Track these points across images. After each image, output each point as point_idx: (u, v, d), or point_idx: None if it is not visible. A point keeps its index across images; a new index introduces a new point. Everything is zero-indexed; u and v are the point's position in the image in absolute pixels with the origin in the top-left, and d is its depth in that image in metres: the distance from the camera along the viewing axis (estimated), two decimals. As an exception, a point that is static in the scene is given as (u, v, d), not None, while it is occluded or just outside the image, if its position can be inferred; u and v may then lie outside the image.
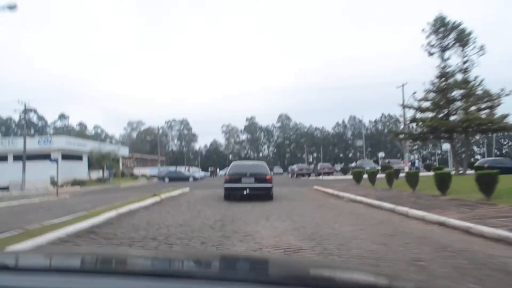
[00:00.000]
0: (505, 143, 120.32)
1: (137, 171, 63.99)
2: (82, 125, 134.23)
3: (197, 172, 66.73)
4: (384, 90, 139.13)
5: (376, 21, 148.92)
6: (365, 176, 23.38)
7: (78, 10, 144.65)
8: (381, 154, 74.69)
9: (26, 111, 39.08)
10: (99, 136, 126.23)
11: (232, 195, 15.09)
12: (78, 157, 44.50)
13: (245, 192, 14.59)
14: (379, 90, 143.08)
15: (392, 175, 20.74)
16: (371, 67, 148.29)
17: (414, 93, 22.92)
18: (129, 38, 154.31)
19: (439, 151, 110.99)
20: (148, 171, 64.87)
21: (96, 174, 44.05)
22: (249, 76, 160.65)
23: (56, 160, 23.38)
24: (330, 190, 18.92)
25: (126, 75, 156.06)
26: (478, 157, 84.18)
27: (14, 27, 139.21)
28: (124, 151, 63.02)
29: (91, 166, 44.18)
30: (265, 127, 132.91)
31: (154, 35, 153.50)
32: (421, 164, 51.34)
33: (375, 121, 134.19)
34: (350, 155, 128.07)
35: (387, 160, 46.11)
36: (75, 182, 39.76)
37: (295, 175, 42.41)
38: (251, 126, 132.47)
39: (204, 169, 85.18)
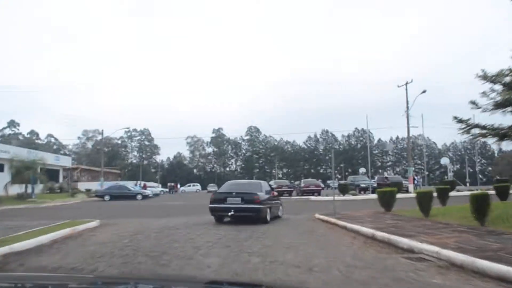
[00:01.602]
0: None
1: (85, 185, 54.23)
2: (33, 133, 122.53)
3: (154, 187, 57.68)
4: (357, 103, 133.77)
5: (352, 27, 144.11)
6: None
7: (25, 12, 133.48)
8: (362, 170, 67.81)
9: None
10: (51, 146, 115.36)
11: (217, 216, 13.96)
12: (-5, 167, 34.97)
13: (229, 213, 13.36)
14: (352, 103, 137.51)
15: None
16: (344, 79, 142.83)
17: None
18: (90, 42, 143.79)
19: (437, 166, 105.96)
20: (96, 185, 55.15)
21: (20, 189, 34.41)
22: (217, 85, 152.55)
23: None
24: (370, 231, 9.57)
25: (85, 82, 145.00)
26: None
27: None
28: (65, 161, 53.33)
29: (17, 178, 34.52)
30: (233, 139, 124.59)
31: (113, 38, 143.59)
32: (420, 180, 44.67)
33: (348, 136, 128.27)
34: (321, 170, 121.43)
35: (384, 176, 38.72)
36: (-18, 199, 30.28)
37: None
38: (218, 138, 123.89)
39: (166, 184, 76.05)
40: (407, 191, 33.22)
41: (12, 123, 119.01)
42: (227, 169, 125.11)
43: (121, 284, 2.11)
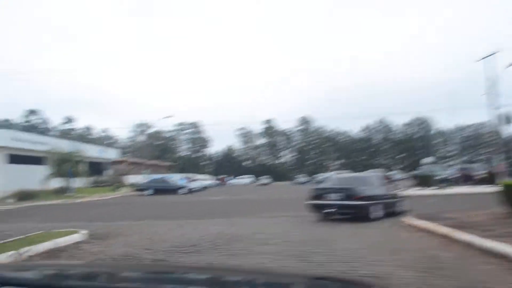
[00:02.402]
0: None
1: (132, 178, 52.09)
2: (88, 128, 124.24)
3: (203, 180, 54.70)
4: (415, 91, 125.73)
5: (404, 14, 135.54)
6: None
7: (79, 12, 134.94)
8: (428, 160, 62.00)
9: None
10: (103, 141, 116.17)
11: (318, 214, 12.32)
12: (35, 160, 32.79)
13: (327, 211, 11.96)
14: (410, 91, 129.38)
15: None
16: (402, 66, 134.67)
17: None
18: (139, 40, 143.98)
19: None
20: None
21: (60, 183, 32.16)
22: (268, 76, 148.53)
23: None
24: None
25: (137, 78, 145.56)
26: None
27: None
28: (112, 154, 51.35)
29: (55, 171, 32.29)
30: (284, 130, 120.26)
31: (164, 37, 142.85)
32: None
33: (407, 125, 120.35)
34: (379, 161, 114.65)
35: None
36: (20, 195, 28.09)
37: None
38: (269, 130, 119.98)
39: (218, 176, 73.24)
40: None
41: (68, 119, 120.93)
42: (279, 160, 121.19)
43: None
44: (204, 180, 54.78)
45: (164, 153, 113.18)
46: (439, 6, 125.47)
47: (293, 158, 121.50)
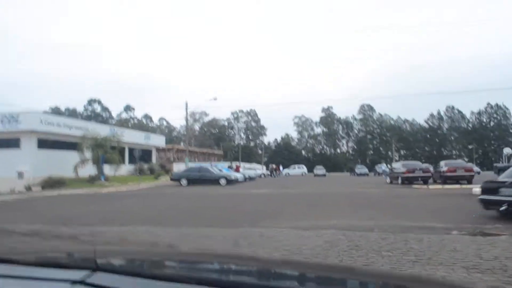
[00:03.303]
0: None
1: (180, 166, 49.57)
2: (147, 117, 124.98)
3: (254, 169, 51.27)
4: (488, 76, 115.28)
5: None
6: None
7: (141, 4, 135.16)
8: (508, 150, 54.91)
9: None
10: (163, 130, 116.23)
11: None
12: (68, 145, 30.50)
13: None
14: (482, 75, 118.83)
15: None
16: (471, 47, 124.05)
17: None
18: (195, 29, 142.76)
19: None
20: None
21: (92, 170, 29.70)
22: (327, 60, 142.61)
23: None
24: None
25: (193, 65, 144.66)
26: None
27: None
28: (158, 141, 48.95)
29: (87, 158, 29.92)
30: (344, 119, 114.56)
31: (219, 24, 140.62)
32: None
33: (479, 113, 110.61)
34: (445, 152, 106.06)
35: None
36: (49, 182, 25.80)
37: (399, 180, 25.02)
38: (328, 118, 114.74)
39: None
40: None
41: (128, 108, 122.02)
42: (338, 150, 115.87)
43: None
44: (254, 169, 51.40)
45: (219, 141, 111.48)
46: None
47: (352, 148, 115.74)
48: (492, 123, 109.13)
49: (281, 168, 62.52)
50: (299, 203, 14.16)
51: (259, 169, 57.72)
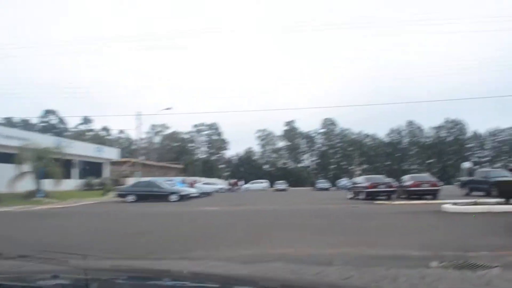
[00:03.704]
0: None
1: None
2: (105, 129, 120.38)
3: (212, 184, 49.11)
4: (446, 91, 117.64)
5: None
6: None
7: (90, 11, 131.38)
8: (467, 164, 55.23)
9: None
10: (122, 142, 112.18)
11: None
12: (5, 157, 27.62)
13: None
14: (440, 91, 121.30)
15: None
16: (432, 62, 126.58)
17: None
18: (155, 39, 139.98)
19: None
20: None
21: (32, 185, 26.85)
22: (290, 76, 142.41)
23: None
24: None
25: (157, 78, 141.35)
26: None
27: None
28: (111, 153, 46.20)
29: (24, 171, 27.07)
30: (306, 133, 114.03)
31: (182, 32, 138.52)
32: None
33: (438, 127, 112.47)
34: (406, 167, 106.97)
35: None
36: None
37: (361, 196, 23.63)
38: (291, 132, 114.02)
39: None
40: None
41: (85, 120, 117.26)
42: (301, 164, 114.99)
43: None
44: (213, 184, 49.27)
45: (180, 155, 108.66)
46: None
47: (315, 162, 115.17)
48: (450, 138, 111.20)
49: (241, 182, 60.65)
50: (250, 224, 12.26)
51: (218, 183, 55.56)
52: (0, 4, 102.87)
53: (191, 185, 35.54)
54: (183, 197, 25.93)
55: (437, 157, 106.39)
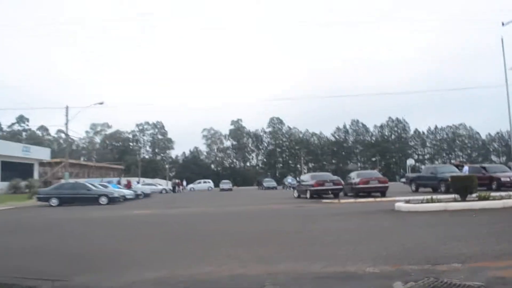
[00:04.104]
0: None
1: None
2: (43, 129, 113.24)
3: (153, 185, 46.49)
4: (391, 91, 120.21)
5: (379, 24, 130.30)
6: None
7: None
8: (410, 162, 55.96)
9: None
10: (61, 142, 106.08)
11: None
12: None
13: None
14: (384, 92, 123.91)
15: None
16: (376, 66, 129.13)
17: None
18: (100, 36, 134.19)
19: (480, 159, 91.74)
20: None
21: None
22: (236, 73, 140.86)
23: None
24: None
25: (96, 74, 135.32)
26: None
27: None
28: (41, 154, 42.54)
29: None
30: (253, 132, 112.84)
31: (125, 30, 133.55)
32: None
33: (381, 126, 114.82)
34: (350, 165, 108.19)
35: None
36: None
37: (307, 194, 22.25)
38: (237, 131, 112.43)
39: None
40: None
41: (21, 119, 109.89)
42: (248, 164, 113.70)
43: None
44: (154, 185, 46.67)
45: (122, 155, 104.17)
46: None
47: (262, 161, 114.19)
48: (393, 136, 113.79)
49: (185, 183, 58.24)
50: (175, 231, 10.33)
51: (161, 184, 52.89)
52: None
53: (127, 186, 32.95)
54: (114, 200, 23.47)
55: (381, 155, 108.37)
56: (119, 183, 33.54)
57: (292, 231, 9.33)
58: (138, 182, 46.14)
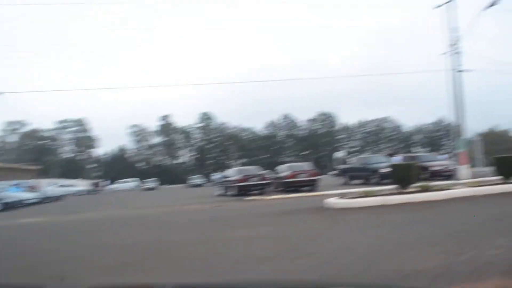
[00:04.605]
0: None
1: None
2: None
3: (76, 186, 42.46)
4: (320, 86, 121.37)
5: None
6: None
7: None
8: (339, 154, 55.38)
9: None
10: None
11: None
12: None
13: None
14: (314, 86, 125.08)
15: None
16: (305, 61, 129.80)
17: None
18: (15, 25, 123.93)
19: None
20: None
21: None
22: (165, 68, 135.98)
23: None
24: None
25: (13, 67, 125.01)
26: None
27: None
28: None
29: None
30: (183, 128, 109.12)
31: (43, 19, 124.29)
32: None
33: (312, 120, 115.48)
34: (283, 159, 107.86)
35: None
36: None
37: (230, 190, 19.99)
38: (166, 127, 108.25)
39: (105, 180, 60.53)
40: (447, 178, 20.09)
41: None
42: (177, 161, 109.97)
43: None
44: (70, 186, 42.60)
45: (41, 155, 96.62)
46: None
47: (192, 157, 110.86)
48: (322, 130, 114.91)
49: (106, 183, 54.29)
50: (31, 253, 7.65)
51: (79, 185, 48.60)
52: None
53: (32, 189, 29.06)
54: (8, 205, 19.99)
55: (312, 148, 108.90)
56: (20, 185, 29.56)
57: (191, 241, 7.02)
58: (53, 184, 41.84)
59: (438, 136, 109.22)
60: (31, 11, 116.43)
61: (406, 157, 23.27)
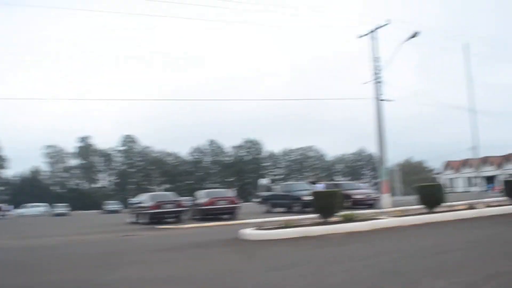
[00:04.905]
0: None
1: None
2: None
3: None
4: (247, 113, 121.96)
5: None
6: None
7: None
8: (264, 181, 54.94)
9: None
10: None
11: None
12: None
13: None
14: (241, 112, 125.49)
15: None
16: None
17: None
18: None
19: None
20: None
21: None
22: (85, 87, 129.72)
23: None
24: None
25: None
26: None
27: None
28: None
29: None
30: (104, 150, 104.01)
31: None
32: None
33: (238, 147, 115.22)
34: (208, 185, 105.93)
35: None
36: None
37: (143, 217, 18.14)
38: (85, 149, 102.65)
39: (16, 204, 55.03)
40: (370, 207, 19.91)
41: None
42: (96, 185, 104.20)
43: None
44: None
45: None
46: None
47: (113, 182, 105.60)
48: (248, 157, 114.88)
49: (9, 207, 49.43)
50: None
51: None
52: None
53: None
54: None
55: (237, 175, 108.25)
56: None
57: (60, 286, 5.45)
58: None
59: (359, 166, 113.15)
60: None
61: (329, 184, 22.89)
